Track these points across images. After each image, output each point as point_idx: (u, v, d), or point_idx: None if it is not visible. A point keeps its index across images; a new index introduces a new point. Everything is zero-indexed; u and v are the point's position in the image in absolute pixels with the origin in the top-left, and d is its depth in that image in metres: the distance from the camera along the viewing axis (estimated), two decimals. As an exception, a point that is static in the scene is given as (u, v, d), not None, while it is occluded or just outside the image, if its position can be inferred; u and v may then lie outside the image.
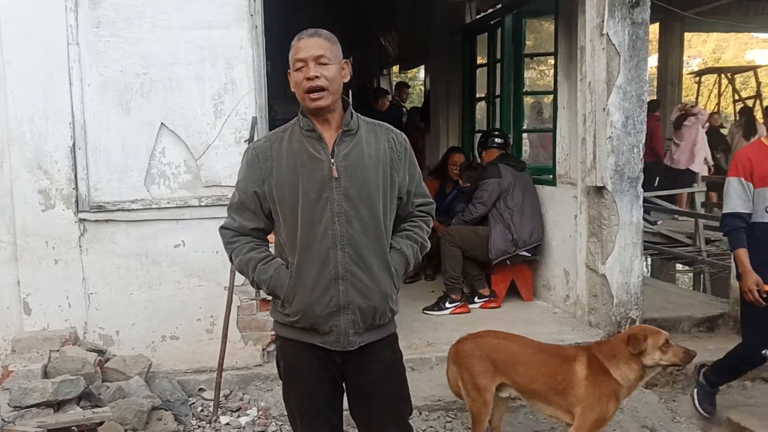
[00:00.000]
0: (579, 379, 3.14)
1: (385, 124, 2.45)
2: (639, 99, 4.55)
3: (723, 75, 16.99)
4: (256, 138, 4.14)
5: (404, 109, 8.73)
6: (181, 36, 4.06)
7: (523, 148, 6.16)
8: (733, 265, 5.16)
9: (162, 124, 4.12)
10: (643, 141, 4.60)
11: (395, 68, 12.77)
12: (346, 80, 2.32)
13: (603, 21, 4.44)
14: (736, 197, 3.49)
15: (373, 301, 2.31)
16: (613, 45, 4.47)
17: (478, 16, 7.66)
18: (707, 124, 10.33)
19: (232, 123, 4.17)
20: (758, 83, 16.16)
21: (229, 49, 4.13)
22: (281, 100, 6.68)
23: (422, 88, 13.21)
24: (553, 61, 5.58)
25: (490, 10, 7.09)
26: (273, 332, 4.24)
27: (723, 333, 5.22)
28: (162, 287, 4.21)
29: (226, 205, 4.00)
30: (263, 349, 4.34)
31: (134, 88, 4.08)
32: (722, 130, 12.86)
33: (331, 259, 2.24)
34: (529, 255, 5.47)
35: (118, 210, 4.12)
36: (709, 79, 17.87)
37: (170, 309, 4.23)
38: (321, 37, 2.26)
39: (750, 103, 15.83)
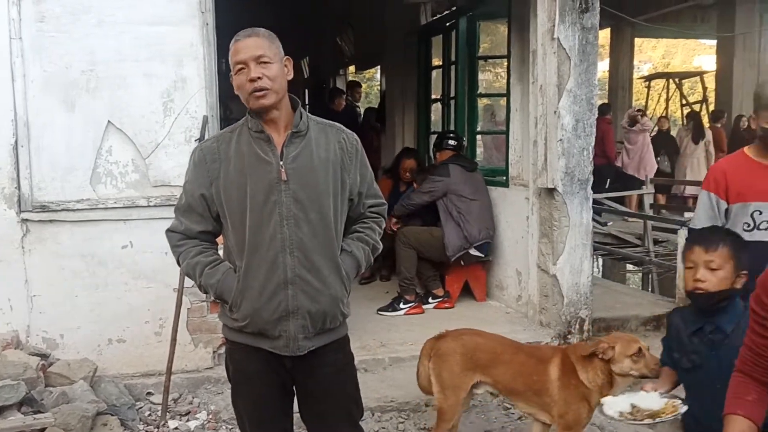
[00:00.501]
0: (552, 380, 3.15)
1: (336, 124, 2.41)
2: (589, 102, 4.62)
3: (671, 80, 17.45)
4: (207, 137, 4.09)
5: (358, 109, 8.71)
6: (129, 32, 3.97)
7: (477, 150, 6.20)
8: (679, 266, 5.29)
9: (109, 122, 4.02)
10: (593, 144, 4.68)
11: (351, 68, 12.76)
12: (290, 78, 2.28)
13: (554, 25, 4.51)
14: (702, 212, 3.24)
15: (323, 305, 2.28)
16: (564, 49, 4.53)
17: (433, 18, 7.68)
18: (656, 129, 10.59)
19: (182, 122, 4.10)
20: (704, 88, 16.64)
21: (180, 47, 4.05)
22: (237, 99, 6.60)
23: (379, 89, 13.23)
24: (506, 64, 5.64)
25: (446, 12, 7.12)
26: (223, 335, 4.26)
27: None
28: (108, 289, 4.11)
29: (173, 204, 4.04)
30: (214, 352, 4.28)
31: (80, 85, 3.97)
32: (671, 133, 13.20)
33: (279, 263, 2.21)
34: (482, 255, 5.51)
35: (62, 210, 4.01)
36: (659, 84, 18.35)
37: (117, 311, 4.13)
38: (259, 36, 2.22)
39: (697, 107, 16.29)
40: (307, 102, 13.90)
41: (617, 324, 5.34)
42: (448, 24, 6.76)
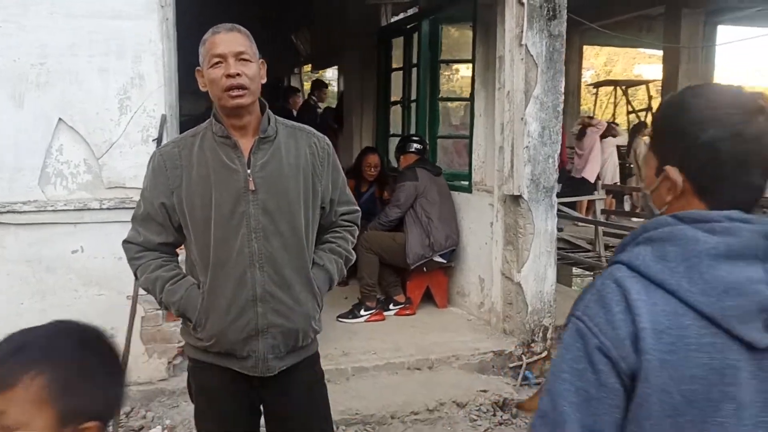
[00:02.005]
0: None
1: (307, 127, 2.28)
2: (555, 110, 4.61)
3: (618, 87, 17.84)
4: (165, 137, 3.90)
5: (319, 110, 8.56)
6: (83, 25, 3.75)
7: (439, 154, 6.14)
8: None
9: (60, 119, 3.78)
10: (558, 151, 4.67)
11: (307, 67, 12.58)
12: (264, 81, 2.14)
13: (522, 32, 4.47)
14: None
15: (295, 323, 2.15)
16: (532, 56, 4.51)
17: (393, 19, 7.60)
18: (619, 138, 10.74)
19: (139, 120, 3.89)
20: (649, 97, 17.07)
21: (138, 42, 3.84)
22: (188, 96, 6.38)
23: (335, 88, 13.07)
24: (470, 68, 5.59)
25: (409, 11, 7.05)
26: (180, 344, 4.07)
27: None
28: (57, 296, 3.87)
29: (131, 208, 3.78)
30: (169, 363, 4.09)
31: (29, 80, 3.72)
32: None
33: (248, 279, 2.08)
34: (445, 261, 5.45)
35: (7, 212, 3.75)
36: (605, 91, 18.74)
37: (66, 320, 3.89)
38: (240, 32, 2.09)
39: (642, 115, 16.71)
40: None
41: (577, 331, 5.36)
42: (409, 26, 6.68)
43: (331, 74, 14.20)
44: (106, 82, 3.81)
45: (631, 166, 10.92)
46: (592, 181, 10.20)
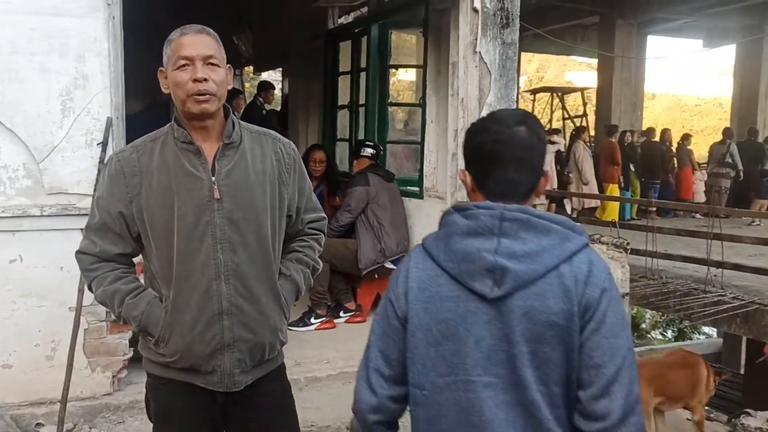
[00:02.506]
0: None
1: (272, 132, 2.18)
2: (507, 118, 4.63)
3: (554, 94, 18.28)
4: (111, 141, 3.74)
5: (264, 112, 8.42)
6: (23, 22, 3.54)
7: (388, 160, 6.11)
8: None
9: (-3, 120, 3.57)
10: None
11: (248, 69, 12.35)
12: (229, 87, 2.06)
13: (476, 39, 4.49)
14: None
15: (262, 336, 2.07)
16: (485, 63, 4.53)
17: (341, 22, 7.54)
18: (557, 145, 10.94)
19: (83, 123, 3.70)
20: (584, 104, 17.56)
21: (82, 41, 3.66)
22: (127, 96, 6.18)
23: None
24: (420, 74, 5.60)
25: (359, 12, 7.00)
26: (125, 357, 3.91)
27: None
28: (-7, 309, 3.65)
29: (74, 215, 3.67)
30: (113, 376, 3.91)
31: (-36, 78, 3.50)
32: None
33: (213, 293, 1.98)
34: (396, 267, 5.41)
35: (-62, 219, 3.52)
36: (543, 98, 19.17)
37: (3, 334, 3.66)
38: (210, 35, 2.00)
39: (578, 122, 17.16)
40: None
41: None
42: (357, 30, 6.64)
43: (267, 75, 14.00)
44: (48, 82, 3.61)
45: (570, 174, 11.15)
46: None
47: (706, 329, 14.68)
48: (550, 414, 1.47)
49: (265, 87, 8.14)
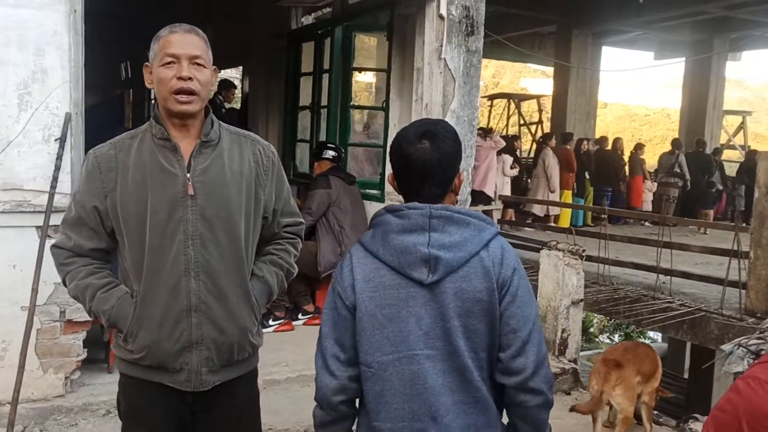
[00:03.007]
0: None
1: (252, 134, 2.20)
2: (470, 124, 4.70)
3: (511, 100, 18.54)
4: (69, 137, 3.65)
5: (224, 110, 8.30)
6: (-20, 12, 3.44)
7: (349, 162, 6.11)
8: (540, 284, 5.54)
9: (-50, 112, 3.45)
10: (473, 165, 4.77)
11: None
12: (213, 89, 2.09)
13: (441, 45, 4.54)
14: None
15: (230, 336, 2.07)
16: (450, 70, 4.58)
17: (303, 22, 7.50)
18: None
19: (41, 118, 3.61)
20: (540, 111, 17.86)
21: (41, 33, 3.57)
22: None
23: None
24: (380, 76, 5.61)
25: (320, 12, 6.98)
26: (78, 358, 3.81)
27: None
28: (-60, 307, 3.53)
29: (29, 212, 3.58)
30: (66, 378, 3.82)
31: None
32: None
33: (182, 288, 1.99)
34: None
35: None
36: (499, 103, 19.43)
37: (-50, 334, 3.55)
38: (198, 36, 2.02)
39: (533, 128, 17.45)
40: (153, 97, 13.11)
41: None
42: (321, 31, 6.62)
43: (227, 73, 13.83)
44: (4, 75, 3.51)
45: (528, 180, 11.31)
46: (491, 194, 10.52)
47: (651, 333, 15.08)
48: (478, 376, 1.79)
49: (226, 86, 8.04)
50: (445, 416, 1.79)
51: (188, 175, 1.99)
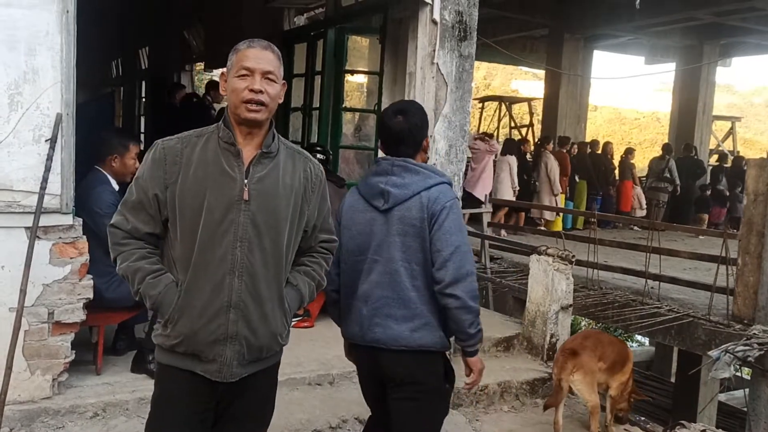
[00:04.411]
0: None
1: (304, 152, 2.37)
2: (462, 129, 4.71)
3: (502, 103, 18.58)
4: (60, 138, 3.63)
5: (213, 111, 8.28)
6: (-29, 11, 3.41)
7: (340, 164, 6.11)
8: (529, 288, 5.56)
9: (-60, 112, 3.42)
10: (464, 170, 4.78)
11: (199, 65, 12.13)
12: (280, 102, 2.25)
13: (434, 50, 4.54)
14: None
15: (262, 337, 2.22)
16: (442, 75, 4.59)
17: (296, 23, 7.48)
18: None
19: (31, 118, 3.58)
20: (531, 114, 17.90)
21: (33, 33, 3.54)
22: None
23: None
24: (375, 79, 5.61)
25: (313, 13, 6.96)
26: (66, 360, 3.79)
27: (518, 353, 5.60)
28: (-74, 308, 3.50)
29: (17, 212, 3.57)
30: (54, 380, 3.78)
31: None
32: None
33: (225, 286, 2.15)
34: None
35: None
36: (491, 106, 19.47)
37: (-63, 334, 3.52)
38: (273, 53, 2.21)
39: (524, 131, 17.49)
40: (143, 95, 13.05)
41: (472, 344, 5.50)
42: (313, 33, 6.61)
43: (218, 73, 13.79)
44: (-5, 74, 3.48)
45: (536, 183, 11.35)
46: (482, 198, 10.55)
47: (639, 337, 15.16)
48: (407, 281, 2.61)
49: (214, 86, 8.01)
50: (374, 302, 2.65)
51: (246, 181, 2.14)
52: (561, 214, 11.29)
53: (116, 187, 4.22)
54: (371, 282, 2.63)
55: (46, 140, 3.60)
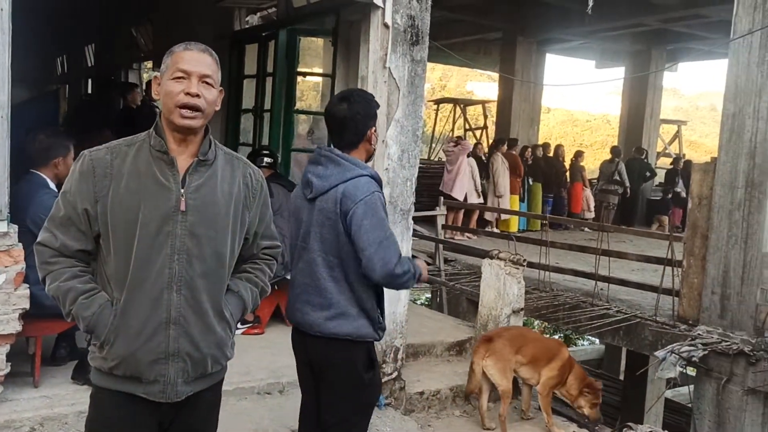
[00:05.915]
0: None
1: (243, 157, 2.28)
2: (414, 134, 4.68)
3: (457, 105, 18.68)
4: (-6, 141, 3.47)
5: (157, 109, 8.07)
6: None
7: (292, 168, 6.02)
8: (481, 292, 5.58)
9: None
10: (416, 175, 4.74)
11: (148, 64, 11.86)
12: (217, 109, 2.13)
13: (386, 54, 4.49)
14: None
15: (206, 350, 2.11)
16: (395, 79, 4.54)
17: (248, 22, 7.36)
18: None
19: (-37, 121, 3.42)
20: (485, 116, 18.05)
21: (-36, 31, 3.38)
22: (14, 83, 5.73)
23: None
24: (328, 81, 5.55)
25: (266, 12, 6.85)
26: (1, 373, 3.62)
27: (470, 357, 5.59)
28: None
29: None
30: (-12, 393, 3.63)
31: None
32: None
33: (163, 301, 2.04)
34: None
35: None
36: (445, 107, 19.56)
37: None
38: (210, 56, 2.11)
39: (478, 133, 17.62)
40: (89, 93, 12.71)
41: (424, 350, 5.50)
42: (265, 34, 6.51)
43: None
44: None
45: (484, 183, 11.44)
46: (461, 199, 10.61)
47: (590, 336, 15.42)
48: (324, 271, 2.70)
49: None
50: (297, 288, 2.78)
51: (182, 191, 2.04)
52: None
53: (56, 190, 4.06)
54: (297, 268, 2.78)
55: (-21, 144, 3.43)
